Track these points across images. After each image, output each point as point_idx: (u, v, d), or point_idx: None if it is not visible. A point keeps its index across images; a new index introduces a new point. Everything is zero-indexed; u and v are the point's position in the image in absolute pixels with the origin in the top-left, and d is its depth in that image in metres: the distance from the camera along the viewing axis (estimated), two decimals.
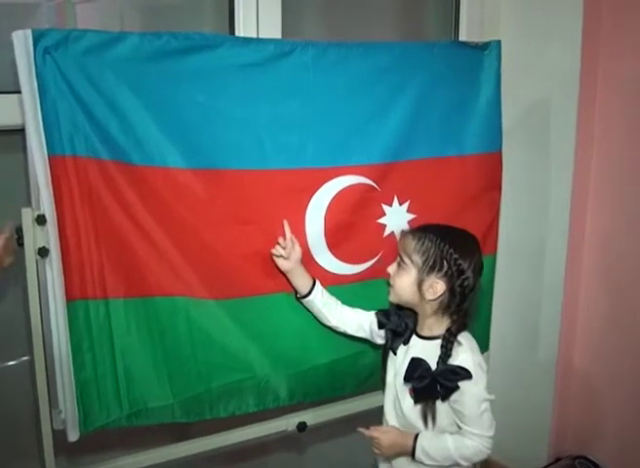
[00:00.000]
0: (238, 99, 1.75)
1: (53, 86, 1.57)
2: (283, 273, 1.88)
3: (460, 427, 1.71)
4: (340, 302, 1.95)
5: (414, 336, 1.80)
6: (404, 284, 1.74)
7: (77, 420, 1.74)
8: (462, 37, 2.45)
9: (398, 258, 1.77)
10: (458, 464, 1.73)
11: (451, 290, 1.70)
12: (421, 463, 1.74)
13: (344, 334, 1.98)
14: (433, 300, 1.71)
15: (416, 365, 1.72)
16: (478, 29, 2.45)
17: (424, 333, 1.78)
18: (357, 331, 1.94)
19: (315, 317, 1.95)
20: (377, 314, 1.88)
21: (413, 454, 1.73)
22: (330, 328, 1.96)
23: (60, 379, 1.75)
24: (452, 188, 2.09)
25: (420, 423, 1.74)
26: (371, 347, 2.00)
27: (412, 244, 1.73)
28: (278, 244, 1.84)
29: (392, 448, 1.77)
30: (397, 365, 1.81)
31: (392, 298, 1.80)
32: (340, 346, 2.01)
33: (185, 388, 1.84)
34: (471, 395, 1.67)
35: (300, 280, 1.90)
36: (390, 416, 1.83)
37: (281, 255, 1.85)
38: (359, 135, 1.90)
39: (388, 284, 1.81)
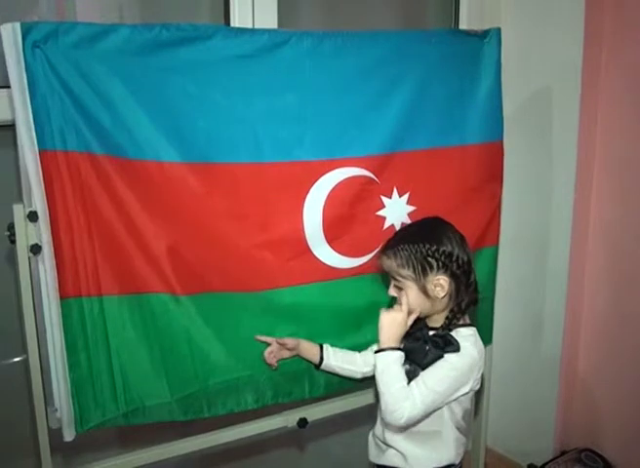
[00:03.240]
0: (232, 91, 1.71)
1: (43, 80, 1.54)
2: (280, 268, 1.86)
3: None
4: (356, 353, 1.97)
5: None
6: (412, 299, 1.72)
7: (73, 419, 1.73)
8: (463, 25, 2.42)
9: (392, 281, 1.76)
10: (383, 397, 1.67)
11: (454, 277, 1.70)
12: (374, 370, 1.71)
13: (345, 328, 1.99)
14: (445, 296, 1.70)
15: (419, 327, 1.74)
16: (479, 17, 2.42)
17: (430, 324, 1.77)
18: None
19: (347, 378, 1.97)
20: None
21: (379, 350, 1.70)
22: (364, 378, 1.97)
23: (56, 378, 1.73)
24: (452, 179, 2.06)
25: None
26: (370, 340, 1.97)
27: (391, 264, 1.73)
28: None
29: (391, 322, 1.70)
30: None
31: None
32: (340, 339, 1.99)
33: (183, 386, 1.82)
34: (441, 370, 1.65)
35: (309, 354, 1.94)
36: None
37: (280, 358, 1.91)
38: (357, 126, 1.87)
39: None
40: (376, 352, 1.71)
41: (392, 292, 1.77)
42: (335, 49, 1.81)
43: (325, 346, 1.94)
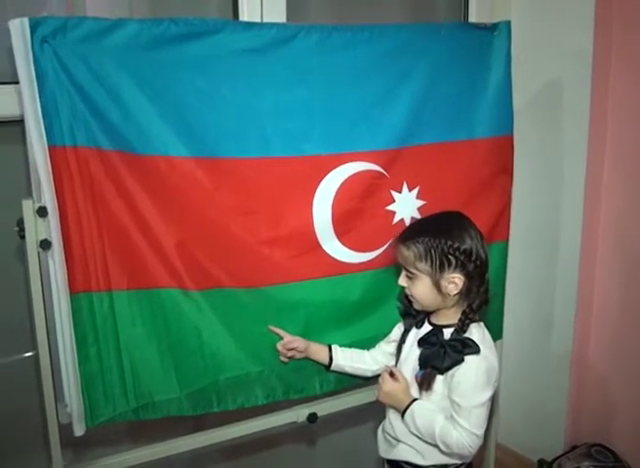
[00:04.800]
0: (240, 86, 1.71)
1: (51, 75, 1.54)
2: (290, 263, 1.86)
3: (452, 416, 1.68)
4: (365, 351, 1.96)
5: (426, 323, 1.78)
6: (421, 292, 1.71)
7: (83, 414, 1.73)
8: (472, 18, 2.41)
9: (404, 271, 1.74)
10: (439, 447, 1.70)
11: (468, 276, 1.68)
12: (407, 428, 1.74)
13: (353, 321, 2.00)
14: (457, 294, 1.69)
15: (433, 332, 1.72)
16: (488, 10, 2.41)
17: (438, 322, 1.75)
18: (390, 361, 1.90)
19: (358, 376, 1.99)
20: (400, 299, 1.85)
21: (403, 414, 1.73)
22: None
23: (66, 373, 1.73)
24: (462, 173, 2.05)
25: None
26: (379, 334, 1.98)
27: (409, 254, 1.69)
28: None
29: (388, 396, 1.77)
30: (406, 348, 1.81)
31: (418, 307, 1.77)
32: (349, 334, 1.99)
33: (193, 381, 1.82)
34: (467, 385, 1.64)
35: (318, 356, 1.94)
36: None
37: (290, 356, 1.92)
38: (366, 120, 1.87)
39: (406, 295, 1.78)
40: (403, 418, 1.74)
41: (403, 281, 1.75)
42: (343, 42, 1.80)
43: (333, 347, 1.94)
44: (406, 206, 1.98)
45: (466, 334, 1.69)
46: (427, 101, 1.92)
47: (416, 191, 1.98)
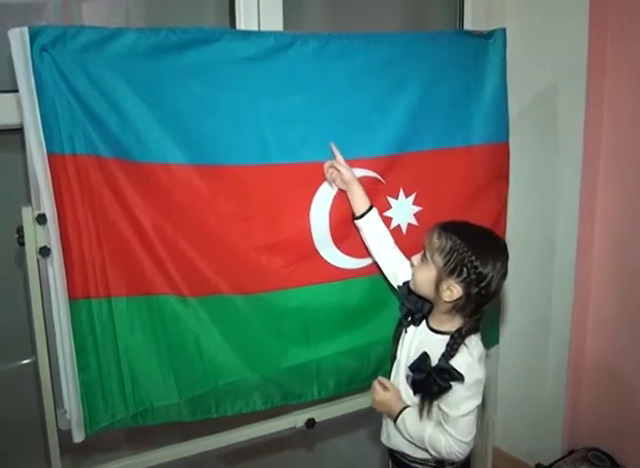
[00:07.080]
0: (238, 94, 1.72)
1: (51, 84, 1.55)
2: (288, 270, 1.87)
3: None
4: (392, 242, 1.91)
5: (424, 324, 1.77)
6: (422, 278, 1.70)
7: (82, 420, 1.74)
8: (468, 26, 2.42)
9: (423, 251, 1.72)
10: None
11: (467, 296, 1.66)
12: (400, 433, 1.76)
13: (351, 326, 2.00)
14: (449, 302, 1.68)
15: (422, 358, 1.70)
16: (484, 17, 2.42)
17: (434, 326, 1.75)
18: (392, 280, 1.91)
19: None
20: (402, 287, 1.82)
21: (395, 421, 1.75)
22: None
23: (65, 379, 1.74)
24: (458, 179, 2.06)
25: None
26: (377, 340, 1.99)
27: (436, 243, 1.67)
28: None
29: (381, 404, 1.79)
30: (405, 344, 1.80)
31: (412, 287, 1.76)
32: (347, 339, 2.00)
33: (191, 387, 1.83)
34: (455, 396, 1.65)
35: (355, 200, 1.88)
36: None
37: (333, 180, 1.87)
38: (363, 127, 1.88)
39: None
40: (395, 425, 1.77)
41: (416, 260, 1.73)
42: (340, 50, 1.82)
43: (373, 211, 1.88)
44: (402, 212, 1.99)
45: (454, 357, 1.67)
46: (424, 108, 1.94)
47: (412, 197, 2.00)
